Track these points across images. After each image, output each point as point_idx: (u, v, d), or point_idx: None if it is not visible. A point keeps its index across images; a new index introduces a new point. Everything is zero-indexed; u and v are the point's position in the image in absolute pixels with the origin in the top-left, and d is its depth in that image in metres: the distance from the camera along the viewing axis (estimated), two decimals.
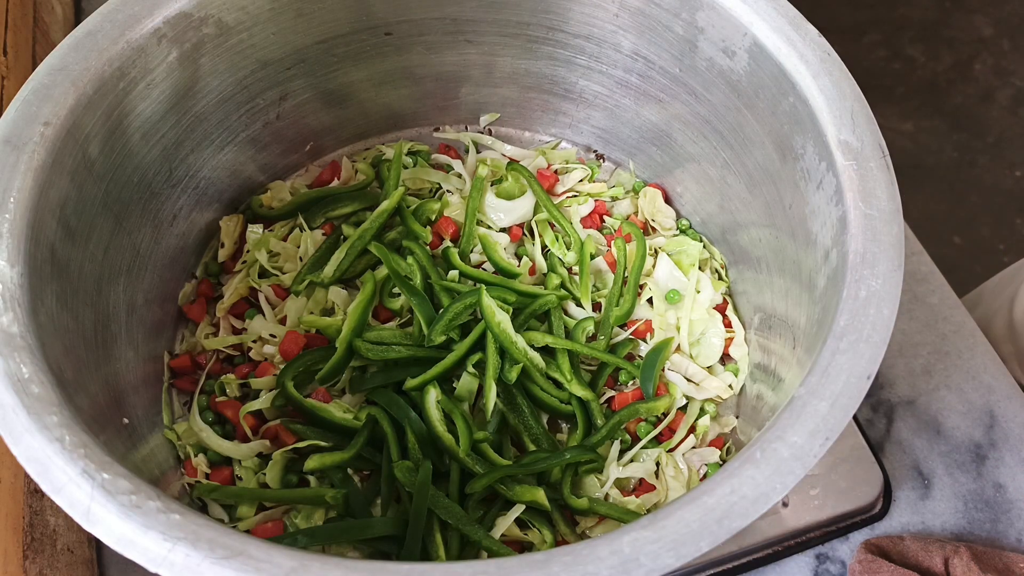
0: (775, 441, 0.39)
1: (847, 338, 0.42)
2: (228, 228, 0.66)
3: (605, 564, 0.35)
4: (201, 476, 0.58)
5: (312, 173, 0.72)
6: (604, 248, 0.69)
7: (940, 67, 1.91)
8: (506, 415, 0.59)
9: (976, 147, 1.81)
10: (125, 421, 0.52)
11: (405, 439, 0.57)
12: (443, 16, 0.63)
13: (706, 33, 0.56)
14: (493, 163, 0.72)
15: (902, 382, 0.68)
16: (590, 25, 0.62)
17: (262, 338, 0.63)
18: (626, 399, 0.61)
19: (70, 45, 0.49)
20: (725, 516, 0.37)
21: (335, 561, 0.35)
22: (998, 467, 0.65)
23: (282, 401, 0.59)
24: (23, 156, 0.45)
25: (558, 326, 0.63)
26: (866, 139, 0.48)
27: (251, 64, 0.60)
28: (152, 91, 0.53)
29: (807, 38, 0.51)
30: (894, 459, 0.65)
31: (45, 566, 0.52)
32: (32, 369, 0.40)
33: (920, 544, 0.59)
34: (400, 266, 0.65)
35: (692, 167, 0.66)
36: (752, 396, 0.61)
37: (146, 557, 0.35)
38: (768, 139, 0.55)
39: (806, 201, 0.52)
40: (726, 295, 0.67)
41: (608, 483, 0.58)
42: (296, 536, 0.52)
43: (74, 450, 0.37)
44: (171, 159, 0.58)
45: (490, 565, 0.35)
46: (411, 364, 0.60)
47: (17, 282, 0.42)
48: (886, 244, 0.45)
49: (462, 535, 0.54)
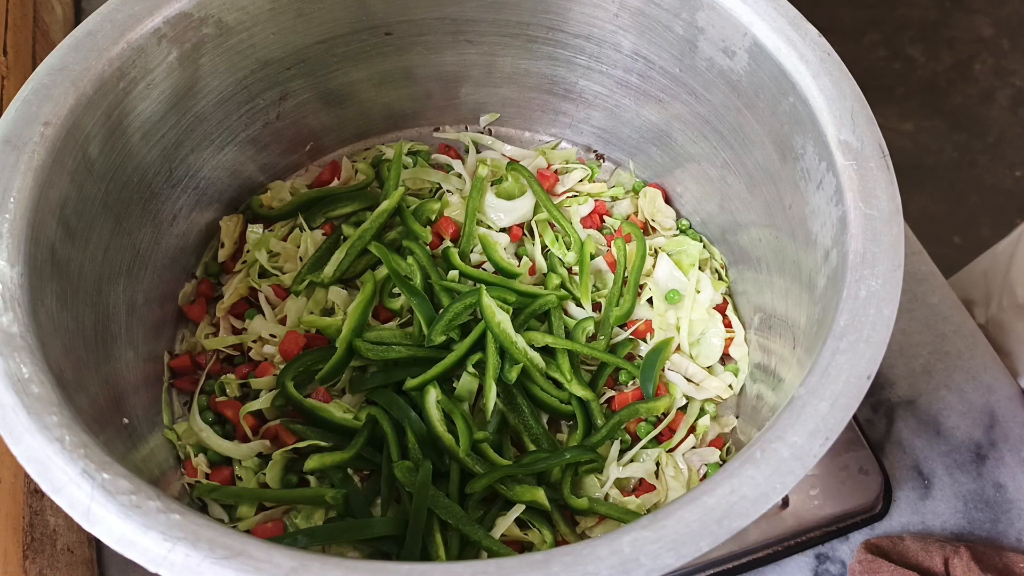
0: (775, 441, 0.39)
1: (847, 338, 0.42)
2: (228, 228, 0.67)
3: (605, 564, 0.35)
4: (201, 476, 0.58)
5: (312, 173, 0.72)
6: (604, 248, 0.69)
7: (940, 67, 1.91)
8: (506, 415, 0.59)
9: (976, 147, 1.81)
10: (125, 421, 0.52)
11: (405, 439, 0.57)
12: (443, 16, 0.63)
13: (706, 33, 0.56)
14: (493, 163, 0.72)
15: (902, 382, 0.68)
16: (590, 25, 0.62)
17: (262, 338, 0.63)
18: (626, 399, 0.61)
19: (70, 45, 0.49)
20: (725, 516, 0.37)
21: (335, 561, 0.35)
22: (998, 467, 0.65)
23: (282, 401, 0.59)
24: (23, 156, 0.45)
25: (558, 326, 0.63)
26: (866, 139, 0.48)
27: (251, 64, 0.60)
28: (152, 91, 0.53)
29: (807, 38, 0.51)
30: (894, 459, 0.65)
31: (45, 566, 0.52)
32: (32, 369, 0.40)
33: (920, 544, 0.59)
34: (400, 266, 0.65)
35: (692, 167, 0.66)
36: (752, 396, 0.61)
37: (146, 557, 0.35)
38: (768, 139, 0.55)
39: (806, 201, 0.52)
40: (726, 295, 0.67)
41: (608, 483, 0.58)
42: (296, 536, 0.52)
43: (74, 450, 0.37)
44: (171, 159, 0.58)
45: (490, 565, 0.35)
46: (411, 364, 0.60)
47: (17, 282, 0.42)
48: (886, 244, 0.45)
49: (462, 535, 0.54)
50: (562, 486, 0.57)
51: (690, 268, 0.66)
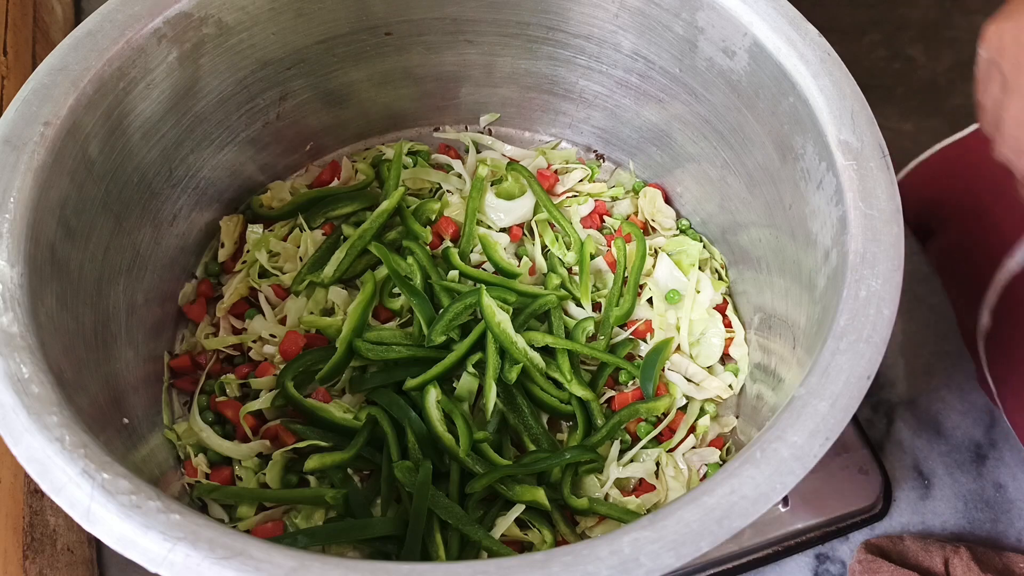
0: (775, 441, 0.39)
1: (847, 338, 0.42)
2: (228, 228, 0.67)
3: (605, 564, 0.35)
4: (201, 476, 0.58)
5: (312, 173, 0.72)
6: (604, 248, 0.69)
7: (940, 67, 1.91)
8: (506, 415, 0.59)
9: None
10: (125, 421, 0.52)
11: (405, 439, 0.57)
12: (443, 16, 0.63)
13: (706, 33, 0.56)
14: (493, 163, 0.72)
15: (902, 382, 0.68)
16: (590, 25, 0.62)
17: (262, 338, 0.63)
18: (626, 399, 0.61)
19: (70, 45, 0.49)
20: (725, 516, 0.37)
21: (335, 561, 0.35)
22: (998, 467, 0.65)
23: (282, 401, 0.59)
24: (23, 156, 0.45)
25: (558, 326, 0.63)
26: (866, 139, 0.48)
27: (251, 64, 0.60)
28: (152, 91, 0.53)
29: (807, 38, 0.51)
30: (894, 459, 0.65)
31: (45, 566, 0.52)
32: (32, 369, 0.40)
33: (920, 544, 0.59)
34: (400, 266, 0.65)
35: (692, 167, 0.66)
36: (752, 396, 0.61)
37: (146, 557, 0.35)
38: (768, 139, 0.55)
39: (806, 201, 0.52)
40: (726, 295, 0.67)
41: (608, 483, 0.58)
42: (296, 536, 0.52)
43: (74, 450, 0.37)
44: (171, 159, 0.58)
45: (490, 565, 0.35)
46: (411, 364, 0.60)
47: (17, 282, 0.42)
48: (886, 244, 0.45)
49: (462, 535, 0.54)
50: (562, 486, 0.57)
51: (690, 268, 0.66)
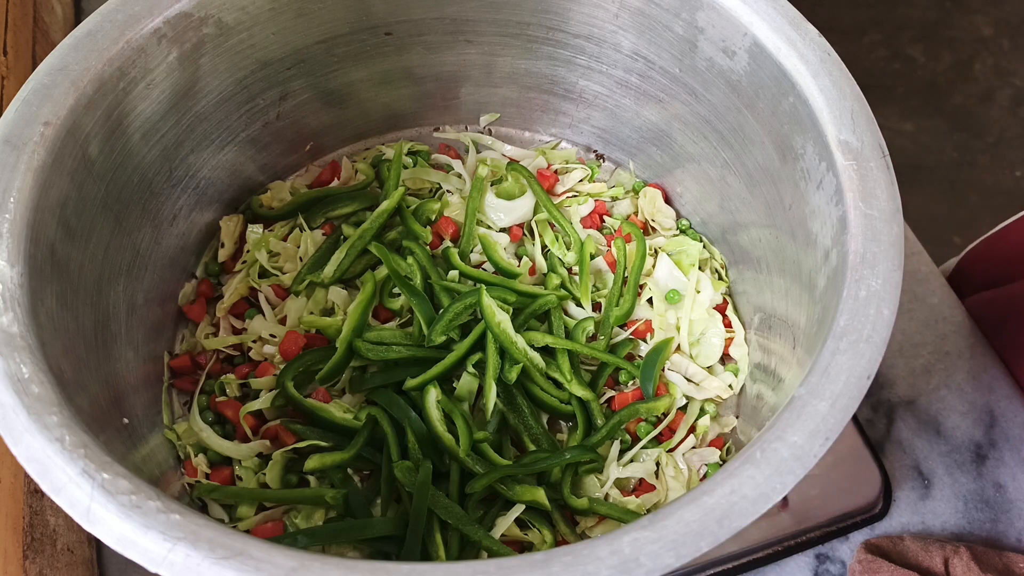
0: (775, 441, 0.39)
1: (847, 338, 0.42)
2: (228, 228, 0.67)
3: (605, 564, 0.35)
4: (201, 476, 0.58)
5: (312, 173, 0.72)
6: (604, 248, 0.69)
7: (940, 67, 1.91)
8: (506, 415, 0.59)
9: (976, 147, 1.81)
10: (125, 421, 0.52)
11: (405, 439, 0.57)
12: (443, 16, 0.63)
13: (706, 33, 0.56)
14: (493, 163, 0.72)
15: (902, 382, 0.68)
16: (590, 25, 0.62)
17: (262, 338, 0.63)
18: (626, 399, 0.61)
19: (70, 45, 0.49)
20: (725, 516, 0.37)
21: (335, 561, 0.35)
22: (998, 467, 0.65)
23: (282, 401, 0.59)
24: (23, 156, 0.45)
25: (558, 326, 0.63)
26: (866, 139, 0.48)
27: (251, 64, 0.60)
28: (152, 91, 0.53)
29: (807, 38, 0.51)
30: (894, 459, 0.65)
31: (45, 566, 0.52)
32: (32, 369, 0.40)
33: (920, 544, 0.59)
34: (400, 266, 0.65)
35: (692, 167, 0.66)
36: (752, 396, 0.61)
37: (146, 557, 0.35)
38: (768, 139, 0.55)
39: (806, 201, 0.52)
40: (726, 295, 0.67)
41: (608, 483, 0.58)
42: (296, 536, 0.52)
43: (74, 450, 0.37)
44: (171, 159, 0.58)
45: (490, 565, 0.35)
46: (411, 364, 0.60)
47: (17, 282, 0.42)
48: (886, 244, 0.45)
49: (462, 535, 0.54)
50: (562, 486, 0.57)
51: (690, 268, 0.66)
